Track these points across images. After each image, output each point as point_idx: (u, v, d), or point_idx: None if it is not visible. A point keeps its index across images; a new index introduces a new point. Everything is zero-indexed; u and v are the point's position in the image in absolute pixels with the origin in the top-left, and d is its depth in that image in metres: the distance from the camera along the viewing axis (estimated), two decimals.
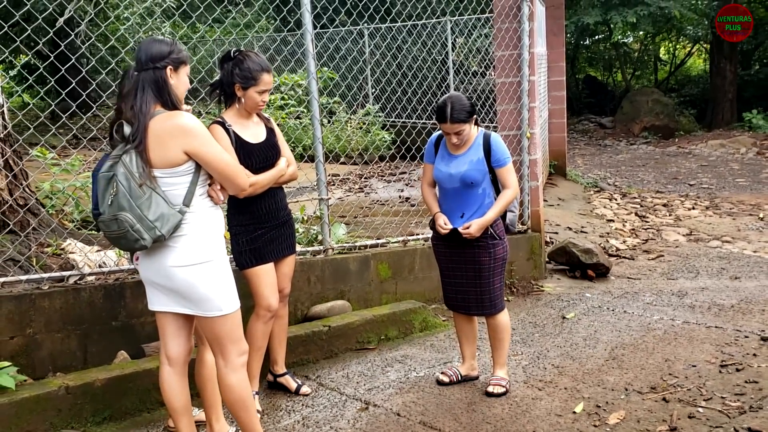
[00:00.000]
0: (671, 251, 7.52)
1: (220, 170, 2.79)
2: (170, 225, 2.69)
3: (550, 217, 8.33)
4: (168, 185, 2.72)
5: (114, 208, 2.66)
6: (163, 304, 2.88)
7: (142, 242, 2.66)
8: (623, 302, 5.67)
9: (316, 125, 4.88)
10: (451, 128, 3.66)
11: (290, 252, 3.80)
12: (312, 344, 4.46)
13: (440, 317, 5.25)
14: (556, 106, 10.96)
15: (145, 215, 2.64)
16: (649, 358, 4.39)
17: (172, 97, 2.76)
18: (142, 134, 2.66)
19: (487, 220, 3.73)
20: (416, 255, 5.47)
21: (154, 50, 2.75)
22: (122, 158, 2.66)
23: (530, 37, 6.05)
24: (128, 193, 2.64)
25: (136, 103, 2.70)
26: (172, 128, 2.68)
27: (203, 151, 2.73)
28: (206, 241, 2.80)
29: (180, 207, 2.73)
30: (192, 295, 2.79)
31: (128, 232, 2.65)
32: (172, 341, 2.96)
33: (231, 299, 2.87)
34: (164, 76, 2.75)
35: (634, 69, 24.33)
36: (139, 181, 2.64)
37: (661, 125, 18.57)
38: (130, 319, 4.01)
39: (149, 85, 2.72)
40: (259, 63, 3.45)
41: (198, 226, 2.78)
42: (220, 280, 2.82)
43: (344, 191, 9.11)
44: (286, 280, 3.83)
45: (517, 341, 4.78)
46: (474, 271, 3.84)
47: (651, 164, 14.66)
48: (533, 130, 6.16)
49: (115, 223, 2.66)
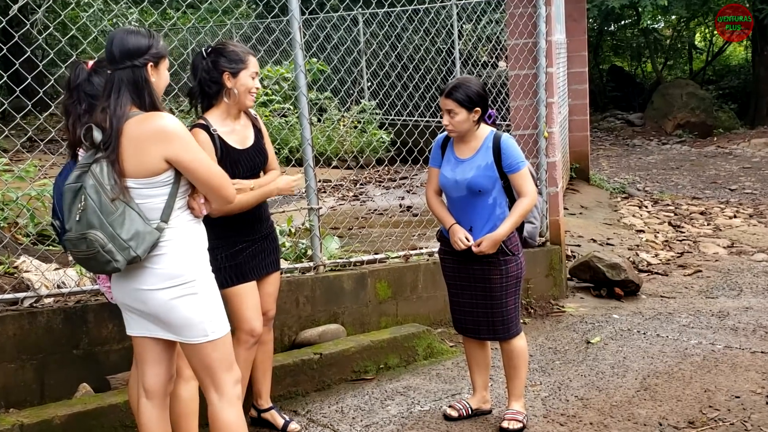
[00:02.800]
0: (710, 266, 7.53)
1: (205, 180, 2.76)
2: (147, 244, 2.67)
3: (572, 228, 8.34)
4: (143, 197, 2.70)
5: (82, 226, 2.64)
6: (143, 327, 2.86)
7: (115, 264, 2.64)
8: (656, 324, 5.68)
9: (305, 124, 4.90)
10: (444, 103, 3.70)
11: (274, 269, 3.80)
12: (301, 374, 4.45)
13: (447, 342, 5.25)
14: (577, 101, 10.99)
15: (118, 233, 2.62)
16: (686, 389, 4.39)
17: (152, 97, 2.74)
18: (115, 140, 2.65)
19: (500, 234, 3.74)
20: (419, 272, 5.48)
21: (131, 44, 2.71)
22: (91, 168, 2.64)
23: (547, 24, 6.08)
24: (98, 208, 2.62)
25: (109, 105, 2.67)
26: (152, 132, 2.66)
27: (186, 158, 2.70)
28: (188, 259, 2.78)
29: (157, 223, 2.71)
30: (172, 320, 2.77)
31: (99, 253, 2.62)
32: (150, 369, 2.94)
33: (219, 322, 2.85)
34: (144, 74, 2.73)
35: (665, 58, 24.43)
36: (111, 195, 2.62)
37: (698, 122, 18.64)
38: (93, 347, 4.00)
39: (126, 86, 2.70)
40: (241, 47, 3.57)
41: (178, 243, 2.77)
42: (205, 301, 2.81)
43: (337, 199, 9.12)
44: (271, 301, 3.84)
45: (536, 369, 4.78)
46: (484, 290, 3.85)
47: (686, 166, 14.69)
48: (551, 129, 6.18)
49: (83, 242, 2.64)
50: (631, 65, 25.57)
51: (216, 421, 2.89)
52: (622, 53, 25.60)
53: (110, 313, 4.00)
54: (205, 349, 2.82)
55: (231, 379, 2.88)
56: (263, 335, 3.79)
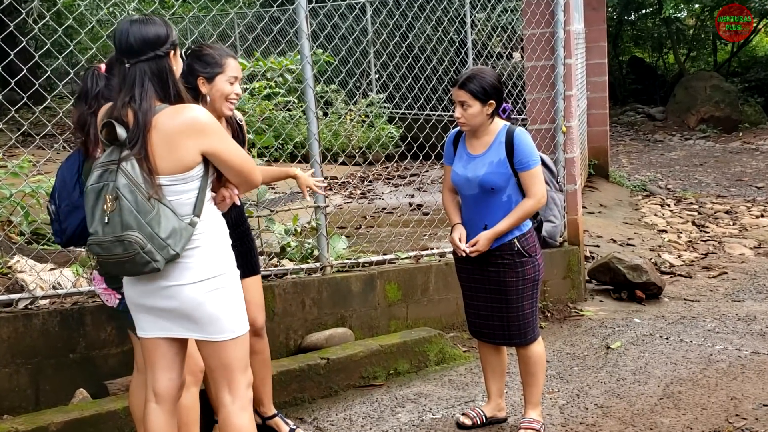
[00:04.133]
0: (736, 267, 7.50)
1: (239, 169, 2.82)
2: (184, 241, 2.70)
3: (591, 228, 8.32)
4: (174, 194, 2.72)
5: (115, 228, 2.63)
6: (162, 328, 2.86)
7: (154, 265, 2.64)
8: (679, 329, 5.66)
9: (311, 118, 4.89)
10: (457, 95, 3.68)
11: (250, 274, 3.72)
12: (307, 380, 4.45)
13: (460, 347, 5.25)
14: (596, 94, 10.97)
15: (157, 233, 2.63)
16: (712, 396, 4.38)
17: (177, 88, 2.76)
18: (143, 136, 2.65)
19: (496, 231, 3.71)
20: (431, 273, 5.47)
21: (151, 33, 2.71)
22: (122, 166, 2.63)
23: (566, 12, 6.07)
24: (135, 208, 2.61)
25: (134, 99, 2.67)
26: (186, 126, 2.68)
27: (222, 148, 2.75)
28: (220, 252, 2.83)
29: (190, 218, 2.74)
30: (201, 315, 2.78)
31: (137, 255, 2.62)
32: (163, 374, 2.94)
33: (243, 318, 2.89)
34: (168, 64, 2.74)
35: (688, 49, 24.33)
36: (147, 194, 2.63)
37: (722, 116, 18.56)
38: (90, 351, 4.01)
39: (150, 78, 2.70)
40: (220, 49, 3.49)
41: (210, 236, 2.81)
42: (233, 296, 2.85)
43: (344, 197, 9.13)
44: (257, 310, 3.76)
45: (553, 376, 4.77)
46: (499, 293, 3.83)
47: (710, 163, 14.65)
48: (570, 123, 6.17)
49: (119, 245, 2.63)
50: (653, 56, 25.47)
51: (228, 425, 2.89)
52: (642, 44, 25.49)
53: (108, 316, 4.01)
54: (228, 346, 2.84)
55: (245, 381, 2.91)
56: (254, 345, 3.71)
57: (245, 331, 2.89)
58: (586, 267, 6.66)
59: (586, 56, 10.54)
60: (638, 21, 24.39)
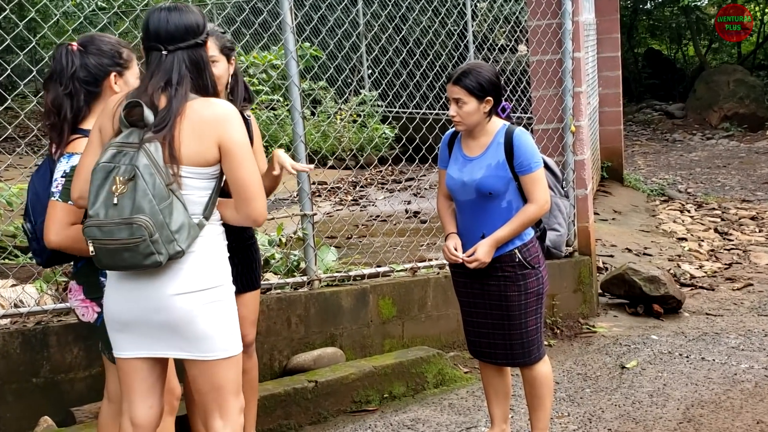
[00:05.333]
0: (763, 278, 7.52)
1: (245, 181, 2.78)
2: (190, 239, 2.71)
3: (604, 236, 8.34)
4: (189, 189, 2.74)
5: (123, 210, 2.61)
6: (141, 346, 2.84)
7: (157, 257, 2.63)
8: (700, 346, 5.68)
9: (297, 118, 4.91)
10: (451, 91, 3.70)
11: (249, 288, 3.76)
12: (294, 405, 4.45)
13: (461, 368, 5.26)
14: (608, 90, 11.00)
15: (167, 223, 2.63)
16: (736, 420, 4.39)
17: (212, 78, 2.84)
18: (172, 121, 2.68)
19: (496, 239, 3.71)
20: (429, 287, 5.49)
21: (192, 21, 2.78)
22: (145, 146, 2.64)
23: (574, 2, 6.10)
24: (152, 191, 2.62)
25: (170, 85, 2.72)
26: (216, 117, 2.73)
27: (238, 145, 2.75)
28: (216, 262, 2.83)
29: (199, 218, 2.76)
30: (192, 331, 2.77)
31: (143, 243, 2.60)
32: (142, 400, 2.92)
33: (237, 337, 2.89)
34: (204, 54, 2.83)
35: (710, 41, 24.42)
36: (168, 180, 2.64)
37: (747, 113, 18.63)
38: (55, 375, 4.00)
39: (187, 66, 2.76)
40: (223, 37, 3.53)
41: (209, 243, 2.81)
42: (229, 311, 2.85)
43: (334, 204, 9.14)
44: (247, 325, 3.77)
45: (563, 399, 4.78)
46: (500, 309, 3.83)
47: (734, 164, 14.69)
48: (579, 123, 6.19)
49: (125, 229, 2.61)
50: (671, 49, 25.56)
51: None
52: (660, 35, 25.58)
53: (75, 336, 4.01)
54: (220, 367, 2.83)
55: (238, 406, 2.91)
56: (243, 363, 3.77)
57: (239, 351, 2.89)
58: (599, 279, 6.67)
59: (598, 49, 10.58)
60: (655, 10, 24.47)
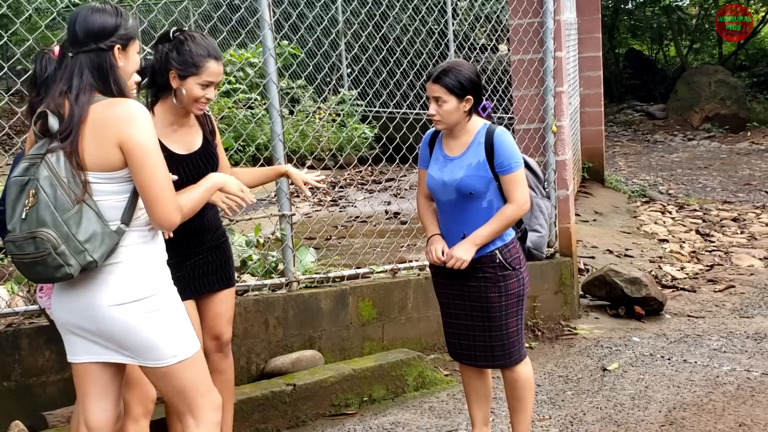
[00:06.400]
0: (744, 280, 7.57)
1: (147, 187, 2.70)
2: (105, 248, 2.66)
3: (585, 237, 8.36)
4: (102, 194, 2.70)
5: (30, 223, 2.61)
6: (89, 352, 2.83)
7: (67, 270, 2.61)
8: (682, 348, 5.70)
9: (275, 117, 4.89)
10: (431, 89, 3.70)
11: (224, 286, 3.76)
12: (271, 409, 4.43)
13: (441, 371, 5.25)
14: (590, 90, 11.04)
15: (74, 234, 2.60)
16: (718, 423, 4.41)
17: (119, 84, 2.76)
18: (76, 129, 2.64)
19: (476, 239, 3.70)
20: (409, 288, 5.48)
21: (96, 24, 2.72)
22: (46, 158, 2.62)
23: (556, 1, 6.10)
24: (53, 203, 2.60)
25: (71, 90, 2.68)
26: (116, 118, 2.66)
27: (139, 144, 2.66)
28: (149, 270, 2.79)
29: (117, 225, 2.71)
30: (132, 341, 2.75)
31: (49, 256, 2.59)
32: (96, 404, 2.90)
33: (187, 340, 2.86)
34: (110, 59, 2.75)
35: (691, 41, 24.59)
36: (70, 191, 2.61)
37: (729, 114, 18.77)
38: (27, 379, 3.97)
39: (90, 71, 2.71)
40: (206, 47, 3.44)
41: (137, 251, 2.77)
42: (170, 317, 2.81)
43: (313, 205, 9.11)
44: (224, 323, 3.78)
45: (544, 401, 4.78)
46: (480, 310, 3.83)
47: (716, 165, 14.79)
48: (561, 123, 6.20)
49: (31, 243, 2.60)
50: (652, 49, 25.71)
51: None
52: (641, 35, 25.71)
53: (47, 339, 3.97)
54: (175, 371, 2.81)
55: (210, 404, 2.89)
56: (218, 363, 3.75)
57: (194, 352, 2.86)
58: (580, 281, 6.69)
59: (579, 49, 10.62)
60: (636, 10, 24.60)
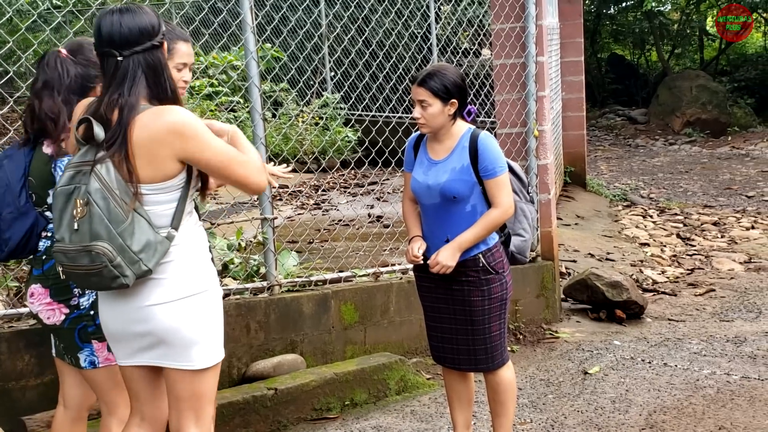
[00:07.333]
0: (725, 284, 7.62)
1: (227, 173, 2.75)
2: (158, 256, 2.67)
3: (566, 241, 8.39)
4: (153, 204, 2.69)
5: (83, 236, 2.59)
6: (133, 357, 2.83)
7: (123, 280, 2.61)
8: (663, 352, 5.73)
9: (257, 120, 4.88)
10: (416, 93, 3.71)
11: None
12: (253, 413, 4.43)
13: (424, 374, 5.26)
14: (571, 94, 11.09)
15: (128, 245, 2.60)
16: (698, 426, 4.44)
17: (172, 85, 2.75)
18: (123, 137, 2.61)
19: (460, 243, 3.72)
20: (392, 292, 5.48)
21: (144, 23, 2.68)
22: (96, 170, 2.59)
23: (538, 6, 6.13)
24: (107, 216, 2.58)
25: (122, 95, 2.64)
26: (165, 131, 2.63)
27: (202, 155, 2.67)
28: (198, 267, 2.80)
29: (168, 231, 2.71)
30: (177, 340, 2.75)
31: (105, 269, 2.58)
32: (149, 402, 2.92)
33: (221, 344, 2.88)
34: (162, 57, 2.73)
35: (673, 46, 24.73)
36: (123, 201, 2.59)
37: (710, 119, 18.89)
38: (6, 383, 3.95)
39: (144, 72, 2.67)
40: (172, 30, 3.45)
41: (187, 248, 2.78)
42: (214, 318, 2.83)
43: (295, 208, 9.10)
44: None
45: (525, 405, 4.80)
46: (464, 314, 3.84)
47: (696, 170, 14.88)
48: (542, 127, 6.22)
49: (86, 256, 2.59)
50: (634, 54, 25.84)
51: None
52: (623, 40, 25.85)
53: (27, 343, 3.95)
54: (203, 375, 2.82)
55: (211, 413, 2.91)
56: None
57: (221, 359, 2.88)
58: (562, 284, 6.71)
59: (561, 53, 10.66)
60: (618, 15, 24.74)
